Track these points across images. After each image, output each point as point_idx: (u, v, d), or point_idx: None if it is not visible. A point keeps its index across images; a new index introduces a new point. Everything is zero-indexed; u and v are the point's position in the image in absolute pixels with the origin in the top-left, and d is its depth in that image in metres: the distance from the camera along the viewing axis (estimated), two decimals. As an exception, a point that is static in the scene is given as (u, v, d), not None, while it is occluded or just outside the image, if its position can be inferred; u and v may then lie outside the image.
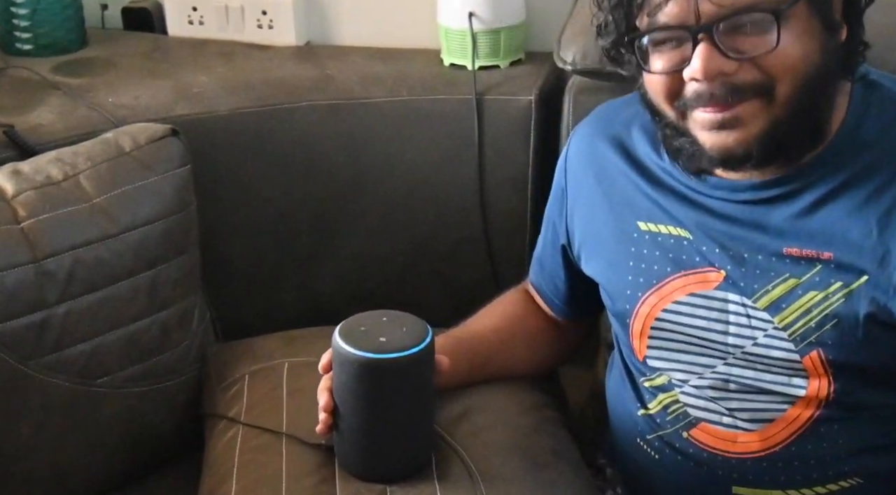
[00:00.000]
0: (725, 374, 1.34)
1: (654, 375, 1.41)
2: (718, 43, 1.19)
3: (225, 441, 1.48)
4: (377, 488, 1.31)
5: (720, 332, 1.33)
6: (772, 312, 1.30)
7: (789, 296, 1.29)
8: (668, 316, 1.36)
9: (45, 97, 1.83)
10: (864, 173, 1.26)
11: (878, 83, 1.31)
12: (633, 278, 1.39)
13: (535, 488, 1.34)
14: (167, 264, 1.60)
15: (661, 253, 1.36)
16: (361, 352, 1.26)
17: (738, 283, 1.31)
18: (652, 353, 1.39)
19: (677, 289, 1.35)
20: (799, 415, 1.32)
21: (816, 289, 1.27)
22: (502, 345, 1.54)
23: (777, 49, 1.19)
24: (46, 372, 1.49)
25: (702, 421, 1.37)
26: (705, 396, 1.36)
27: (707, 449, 1.37)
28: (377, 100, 1.86)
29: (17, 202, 1.52)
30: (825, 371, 1.29)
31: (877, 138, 1.27)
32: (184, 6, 2.07)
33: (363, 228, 1.91)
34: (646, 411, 1.42)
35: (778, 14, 1.18)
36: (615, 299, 1.42)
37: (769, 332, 1.30)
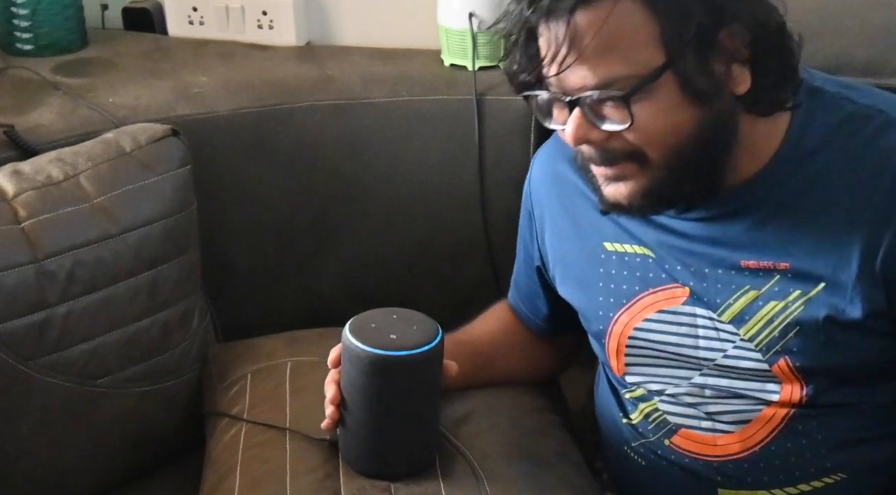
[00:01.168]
0: (701, 383, 1.36)
1: (634, 388, 1.42)
2: (586, 113, 1.21)
3: (228, 438, 1.48)
4: (382, 484, 1.32)
5: (691, 346, 1.35)
6: (736, 325, 1.32)
7: (751, 308, 1.30)
8: (641, 333, 1.38)
9: (45, 97, 1.83)
10: (812, 182, 1.27)
11: (821, 90, 1.30)
12: (603, 299, 1.40)
13: (538, 489, 1.34)
14: (168, 264, 1.60)
15: (628, 272, 1.38)
16: (372, 349, 1.26)
17: (703, 298, 1.33)
18: (629, 369, 1.41)
19: (647, 306, 1.37)
20: (775, 414, 1.33)
21: (776, 299, 1.29)
22: (501, 351, 1.55)
23: (634, 126, 1.20)
24: (47, 373, 1.49)
25: (682, 428, 1.38)
26: (683, 403, 1.38)
27: (689, 455, 1.38)
28: (377, 100, 1.86)
29: (17, 202, 1.52)
30: (795, 377, 1.30)
31: (821, 146, 1.27)
32: (184, 6, 2.07)
33: (363, 228, 1.90)
34: (629, 420, 1.44)
35: (627, 98, 1.18)
36: (589, 320, 1.44)
37: (737, 344, 1.32)
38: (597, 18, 1.15)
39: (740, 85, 1.21)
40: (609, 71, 1.18)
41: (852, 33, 1.62)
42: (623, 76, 1.18)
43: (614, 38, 1.16)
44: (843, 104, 1.28)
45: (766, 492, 1.35)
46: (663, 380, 1.39)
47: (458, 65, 1.91)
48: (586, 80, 1.19)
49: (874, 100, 1.29)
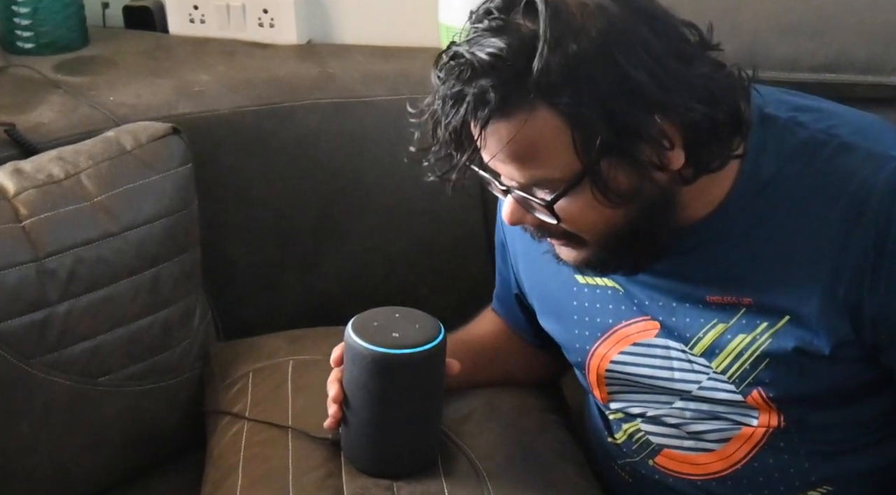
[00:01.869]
0: (682, 407, 1.36)
1: (616, 411, 1.42)
2: (519, 200, 1.22)
3: (230, 436, 1.48)
4: (384, 483, 1.31)
5: (667, 378, 1.35)
6: (708, 358, 1.31)
7: (720, 341, 1.29)
8: (617, 366, 1.38)
9: (46, 96, 1.83)
10: (769, 214, 1.25)
11: (773, 117, 1.26)
12: (579, 332, 1.40)
13: (540, 488, 1.34)
14: (168, 263, 1.60)
15: (601, 305, 1.38)
16: (374, 347, 1.26)
17: (674, 332, 1.33)
18: (612, 396, 1.41)
19: (622, 339, 1.37)
20: (754, 433, 1.32)
21: (744, 333, 1.28)
22: (500, 352, 1.55)
23: (562, 221, 1.20)
24: (48, 371, 1.49)
25: (665, 448, 1.38)
26: (664, 424, 1.38)
27: (673, 474, 1.38)
28: (378, 98, 1.86)
29: (18, 201, 1.52)
30: (770, 406, 1.30)
31: (776, 176, 1.24)
32: (185, 5, 2.07)
33: (365, 226, 1.90)
34: (614, 440, 1.44)
35: (550, 204, 1.18)
36: (567, 351, 1.45)
37: (710, 376, 1.32)
38: (513, 128, 1.14)
39: (674, 163, 1.18)
40: (532, 175, 1.18)
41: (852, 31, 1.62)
42: (546, 179, 1.18)
43: (532, 146, 1.15)
44: (795, 131, 1.25)
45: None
46: (644, 406, 1.39)
47: (459, 63, 1.91)
48: (514, 177, 1.20)
49: (828, 122, 1.26)
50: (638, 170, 1.17)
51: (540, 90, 1.12)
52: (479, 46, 1.14)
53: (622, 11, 1.14)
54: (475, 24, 1.17)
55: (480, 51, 1.13)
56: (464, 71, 1.15)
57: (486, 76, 1.13)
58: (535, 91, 1.12)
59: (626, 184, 1.17)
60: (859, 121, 1.29)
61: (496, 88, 1.13)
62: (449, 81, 1.16)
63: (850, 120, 1.28)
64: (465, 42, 1.16)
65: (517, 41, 1.13)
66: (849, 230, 1.21)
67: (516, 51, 1.12)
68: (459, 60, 1.15)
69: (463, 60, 1.15)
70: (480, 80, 1.13)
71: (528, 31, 1.13)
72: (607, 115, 1.13)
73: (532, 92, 1.12)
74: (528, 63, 1.12)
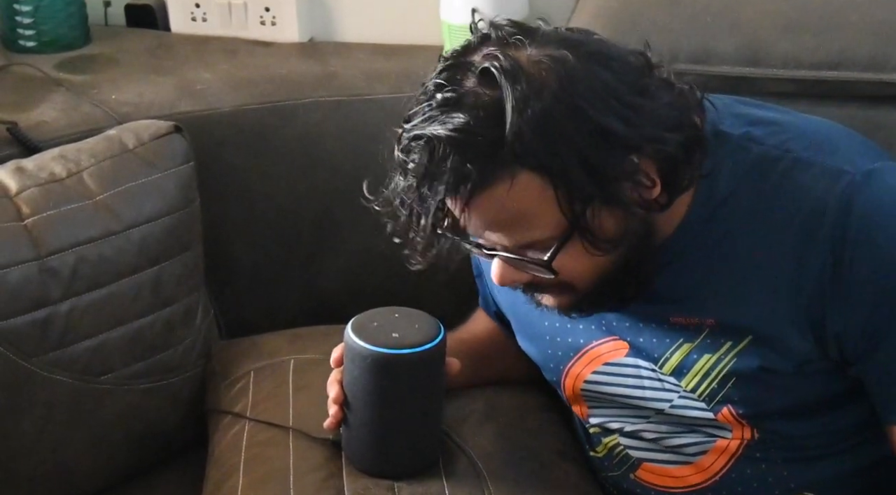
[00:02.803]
0: (657, 421, 1.36)
1: (596, 425, 1.42)
2: (510, 262, 1.21)
3: (231, 436, 1.48)
4: (385, 483, 1.31)
5: (639, 398, 1.35)
6: (677, 377, 1.31)
7: (687, 361, 1.29)
8: (592, 385, 1.38)
9: (48, 94, 1.83)
10: (726, 233, 1.24)
11: (726, 134, 1.25)
12: (552, 352, 1.41)
13: (540, 488, 1.34)
14: (171, 261, 1.60)
15: (571, 326, 1.37)
16: (374, 347, 1.26)
17: (642, 351, 1.32)
18: (591, 412, 1.41)
19: (593, 359, 1.37)
20: (729, 444, 1.32)
21: (709, 352, 1.27)
22: (498, 349, 1.54)
23: (557, 274, 1.19)
24: (50, 369, 1.49)
25: (644, 462, 1.38)
26: (642, 438, 1.37)
27: (653, 488, 1.38)
28: (380, 96, 1.86)
29: (20, 199, 1.52)
30: (741, 423, 1.30)
31: (731, 195, 1.24)
32: (187, 3, 2.07)
33: (366, 225, 1.88)
34: (595, 453, 1.44)
35: (548, 263, 1.17)
36: (543, 370, 1.45)
37: (681, 394, 1.31)
38: (497, 199, 1.13)
39: (652, 194, 1.18)
40: (521, 238, 1.17)
41: (855, 29, 1.61)
42: (537, 240, 1.17)
43: (518, 212, 1.14)
44: (749, 147, 1.24)
45: None
46: (621, 421, 1.38)
47: (460, 61, 1.91)
48: (502, 241, 1.19)
49: (782, 136, 1.26)
50: (622, 212, 1.16)
51: (517, 156, 1.10)
52: (440, 124, 1.12)
53: (576, 60, 1.13)
54: (426, 103, 1.14)
55: (444, 128, 1.11)
56: (434, 151, 1.12)
57: (460, 152, 1.11)
58: (512, 158, 1.10)
59: (614, 229, 1.17)
60: (815, 133, 1.28)
61: (473, 162, 1.11)
62: (418, 165, 1.13)
63: (805, 132, 1.27)
64: (421, 122, 1.14)
65: (481, 111, 1.11)
66: (806, 247, 1.20)
67: (483, 121, 1.11)
68: (423, 141, 1.13)
69: (428, 141, 1.12)
70: (453, 157, 1.11)
71: (488, 99, 1.11)
72: (586, 166, 1.11)
73: (508, 160, 1.10)
74: (498, 131, 1.10)
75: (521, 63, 1.12)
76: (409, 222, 1.22)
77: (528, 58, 1.13)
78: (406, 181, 1.17)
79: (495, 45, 1.16)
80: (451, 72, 1.16)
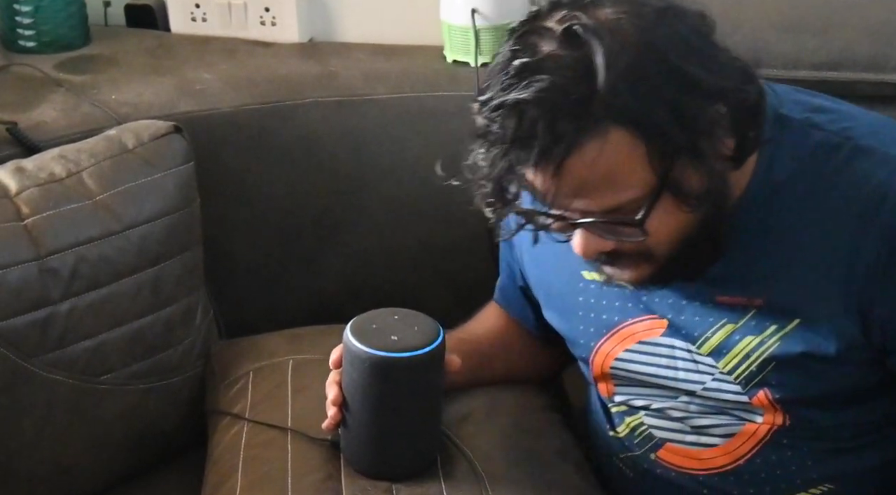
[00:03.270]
0: (687, 401, 1.36)
1: (619, 404, 1.42)
2: (593, 231, 1.19)
3: (229, 437, 1.48)
4: (383, 485, 1.31)
5: (671, 378, 1.35)
6: (715, 358, 1.31)
7: (728, 342, 1.29)
8: (622, 364, 1.38)
9: (48, 94, 1.83)
10: (782, 216, 1.25)
11: (788, 118, 1.26)
12: (584, 328, 1.40)
13: (539, 489, 1.34)
14: (171, 261, 1.60)
15: (607, 302, 1.37)
16: (373, 350, 1.26)
17: (681, 330, 1.32)
18: (617, 391, 1.41)
19: (626, 337, 1.37)
20: (758, 429, 1.32)
21: (752, 334, 1.27)
22: (501, 347, 1.54)
23: (647, 235, 1.18)
24: (50, 370, 1.49)
25: (667, 442, 1.38)
26: (668, 417, 1.37)
27: (675, 469, 1.38)
28: (380, 96, 1.86)
29: (20, 199, 1.52)
30: (775, 407, 1.30)
31: (790, 179, 1.24)
32: (187, 3, 2.07)
33: (366, 225, 1.90)
34: (616, 433, 1.44)
35: (641, 222, 1.16)
36: (573, 346, 1.44)
37: (716, 376, 1.32)
38: (589, 159, 1.11)
39: (727, 150, 1.18)
40: (612, 200, 1.15)
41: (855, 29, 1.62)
42: (626, 201, 1.15)
43: (610, 172, 1.13)
44: (810, 133, 1.25)
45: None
46: (648, 400, 1.39)
47: (460, 61, 1.91)
48: (590, 207, 1.16)
49: (843, 124, 1.26)
50: (706, 166, 1.16)
51: (609, 111, 1.10)
52: (524, 90, 1.10)
53: (650, 12, 1.13)
54: (502, 72, 1.13)
55: (530, 91, 1.10)
56: (523, 116, 1.10)
57: (550, 114, 1.09)
58: (605, 113, 1.10)
59: (699, 184, 1.16)
60: (874, 123, 1.29)
61: (565, 122, 1.09)
62: (507, 133, 1.11)
63: (865, 122, 1.28)
64: (501, 90, 1.12)
65: (567, 71, 1.10)
66: (862, 234, 1.21)
67: (571, 80, 1.10)
68: (508, 108, 1.11)
69: (514, 106, 1.10)
70: (544, 119, 1.09)
71: (572, 59, 1.10)
72: (676, 116, 1.11)
73: (601, 116, 1.10)
74: (588, 88, 1.09)
75: (602, 20, 1.12)
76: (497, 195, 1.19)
77: (605, 16, 1.13)
78: (491, 152, 1.14)
79: (568, 8, 1.14)
80: (525, 38, 1.14)
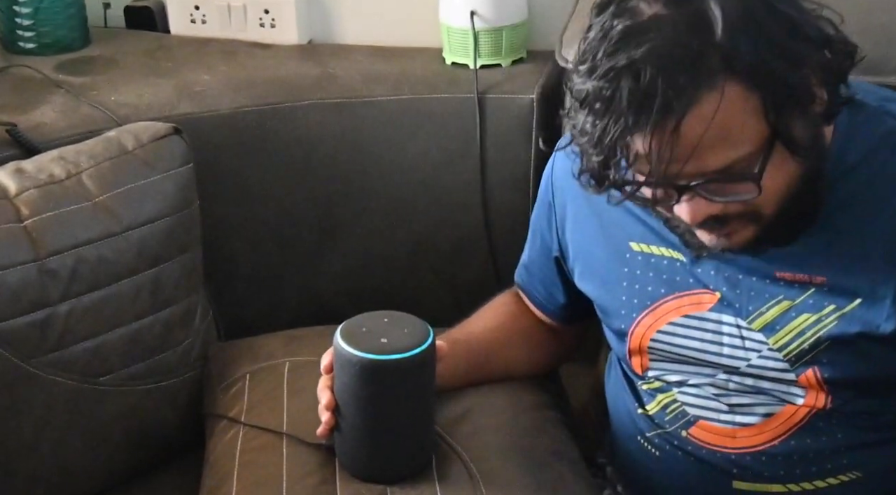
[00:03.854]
0: (725, 378, 1.35)
1: (652, 380, 1.41)
2: (702, 194, 1.17)
3: (225, 441, 1.48)
4: (378, 488, 1.31)
5: (715, 353, 1.35)
6: (766, 333, 1.31)
7: (783, 318, 1.29)
8: (663, 337, 1.37)
9: (47, 96, 1.83)
10: (852, 198, 1.25)
11: (863, 103, 1.26)
12: (626, 299, 1.39)
13: (535, 489, 1.34)
14: (170, 262, 1.60)
15: (654, 274, 1.37)
16: (363, 353, 1.26)
17: (734, 305, 1.32)
18: (651, 366, 1.40)
19: (671, 310, 1.36)
20: (797, 412, 1.32)
21: (809, 312, 1.28)
22: (499, 345, 1.54)
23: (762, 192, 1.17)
24: (49, 371, 1.50)
25: (700, 419, 1.38)
26: (705, 395, 1.37)
27: (706, 446, 1.38)
28: (379, 98, 1.86)
29: (19, 200, 1.52)
30: (821, 387, 1.30)
31: (862, 162, 1.25)
32: (186, 5, 2.07)
33: (365, 227, 1.91)
34: (644, 411, 1.43)
35: (757, 178, 1.15)
36: (611, 317, 1.43)
37: (763, 353, 1.31)
38: (707, 114, 1.10)
39: (822, 104, 1.18)
40: (726, 157, 1.14)
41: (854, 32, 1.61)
42: (741, 157, 1.14)
43: (726, 127, 1.11)
44: (884, 119, 1.26)
45: (780, 486, 1.35)
46: (685, 377, 1.38)
47: (459, 63, 1.91)
48: (703, 168, 1.14)
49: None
50: (811, 117, 1.16)
51: (728, 63, 1.09)
52: (633, 49, 1.09)
53: None
54: (603, 40, 1.11)
55: (642, 51, 1.09)
56: (640, 76, 1.08)
57: (668, 70, 1.08)
58: (723, 66, 1.09)
59: (807, 134, 1.16)
60: None
61: (684, 77, 1.08)
62: (625, 94, 1.09)
63: None
64: (608, 57, 1.11)
65: (678, 26, 1.09)
66: None
67: (684, 35, 1.09)
68: (622, 70, 1.09)
69: (628, 67, 1.09)
70: (663, 75, 1.08)
71: (681, 15, 1.10)
72: (788, 62, 1.11)
73: (718, 69, 1.09)
74: (703, 41, 1.09)
75: None
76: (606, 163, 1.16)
77: None
78: (605, 118, 1.12)
79: None
80: (621, 4, 1.13)
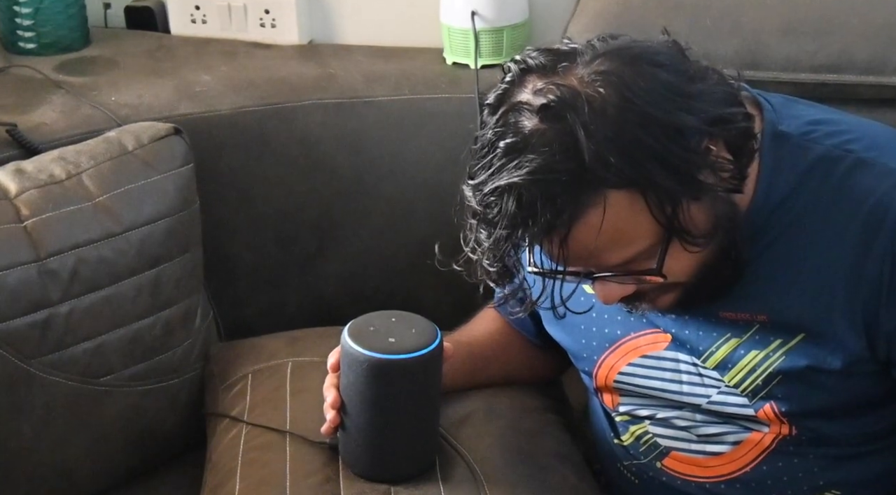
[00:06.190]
0: (691, 413, 1.36)
1: (625, 414, 1.42)
2: (610, 279, 1.20)
3: (228, 440, 1.48)
4: (381, 488, 1.31)
5: (676, 391, 1.35)
6: (721, 371, 1.31)
7: (734, 356, 1.29)
8: (626, 378, 1.38)
9: (48, 96, 1.83)
10: (785, 232, 1.24)
11: (786, 134, 1.26)
12: (586, 342, 1.40)
13: (538, 491, 1.34)
14: (170, 263, 1.60)
15: (609, 316, 1.37)
16: (370, 353, 1.26)
17: (686, 344, 1.32)
18: (622, 401, 1.41)
19: (630, 351, 1.36)
20: (763, 438, 1.32)
21: (757, 348, 1.27)
22: (500, 350, 1.54)
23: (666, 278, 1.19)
24: (49, 371, 1.50)
25: (672, 450, 1.38)
26: (673, 426, 1.37)
27: (681, 477, 1.38)
28: (380, 98, 1.86)
29: (19, 201, 1.52)
30: (781, 420, 1.30)
31: (791, 194, 1.24)
32: (187, 5, 2.07)
33: (366, 227, 1.90)
34: (620, 441, 1.43)
35: (658, 271, 1.17)
36: (576, 359, 1.44)
37: (722, 389, 1.31)
38: (594, 223, 1.12)
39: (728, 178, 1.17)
40: (624, 255, 1.16)
41: (853, 32, 1.62)
42: (640, 252, 1.16)
43: (616, 232, 1.13)
44: (809, 147, 1.25)
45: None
46: (653, 411, 1.38)
47: (460, 63, 1.91)
48: (603, 264, 1.17)
49: (843, 137, 1.26)
50: (709, 201, 1.16)
51: (601, 179, 1.10)
52: (515, 170, 1.10)
53: (624, 66, 1.13)
54: (489, 155, 1.13)
55: (522, 173, 1.10)
56: (521, 198, 1.10)
57: (547, 192, 1.10)
58: (598, 182, 1.10)
59: (706, 220, 1.17)
60: (874, 135, 1.28)
61: (562, 198, 1.10)
62: (508, 215, 1.12)
63: (865, 133, 1.27)
64: (492, 175, 1.12)
65: (553, 146, 1.10)
66: (866, 247, 1.20)
67: (559, 156, 1.10)
68: (504, 192, 1.11)
69: (509, 190, 1.11)
70: (542, 198, 1.10)
71: (555, 133, 1.10)
72: (668, 167, 1.11)
73: (596, 185, 1.10)
74: (577, 161, 1.09)
75: (576, 87, 1.11)
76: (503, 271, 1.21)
77: (579, 80, 1.12)
78: (495, 233, 1.15)
79: (540, 77, 1.14)
80: (505, 117, 1.14)
